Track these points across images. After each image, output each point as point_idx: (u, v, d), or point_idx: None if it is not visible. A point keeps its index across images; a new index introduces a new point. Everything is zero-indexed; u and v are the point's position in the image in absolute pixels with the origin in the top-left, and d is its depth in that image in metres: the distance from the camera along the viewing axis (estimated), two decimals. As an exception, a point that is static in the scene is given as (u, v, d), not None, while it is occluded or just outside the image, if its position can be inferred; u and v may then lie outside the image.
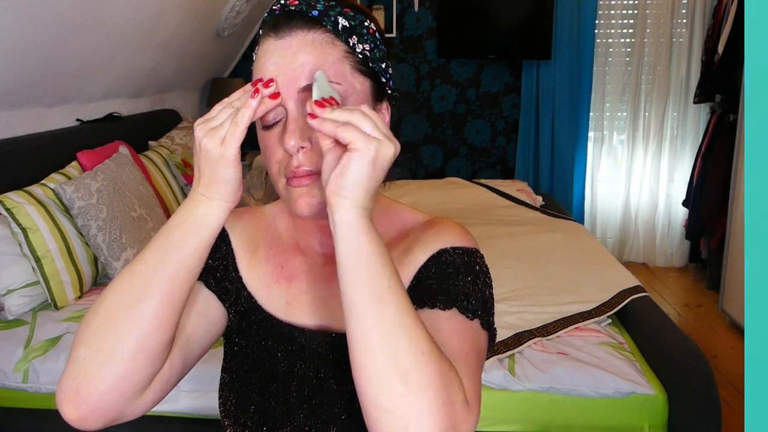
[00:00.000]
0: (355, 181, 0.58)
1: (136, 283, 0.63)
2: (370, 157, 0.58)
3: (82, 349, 0.63)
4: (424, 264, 0.74)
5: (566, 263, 2.32)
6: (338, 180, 0.58)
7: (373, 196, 0.60)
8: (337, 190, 0.58)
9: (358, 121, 0.58)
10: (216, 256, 0.82)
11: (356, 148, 0.57)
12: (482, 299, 0.72)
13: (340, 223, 0.59)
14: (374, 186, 0.60)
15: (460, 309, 0.69)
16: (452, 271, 0.73)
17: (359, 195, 0.58)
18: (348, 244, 0.59)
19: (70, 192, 2.03)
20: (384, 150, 0.58)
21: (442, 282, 0.72)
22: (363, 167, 0.58)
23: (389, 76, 0.76)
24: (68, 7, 2.13)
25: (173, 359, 0.71)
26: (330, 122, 0.59)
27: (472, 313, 0.70)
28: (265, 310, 0.81)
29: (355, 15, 0.72)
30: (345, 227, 0.58)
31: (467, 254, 0.75)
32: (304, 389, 0.76)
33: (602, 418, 1.66)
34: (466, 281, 0.72)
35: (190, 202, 0.65)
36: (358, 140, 0.57)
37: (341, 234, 0.59)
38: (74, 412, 0.63)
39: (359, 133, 0.58)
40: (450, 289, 0.71)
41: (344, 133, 0.58)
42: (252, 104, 0.62)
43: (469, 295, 0.71)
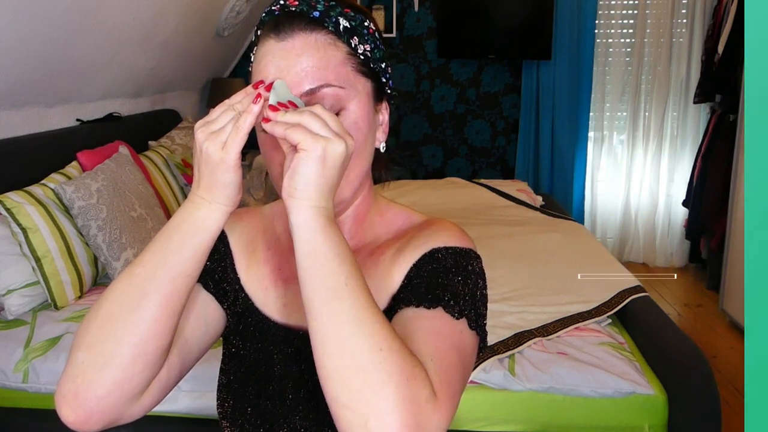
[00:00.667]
0: (306, 182, 0.59)
1: (134, 287, 0.63)
2: (316, 155, 0.58)
3: (80, 353, 0.63)
4: (416, 263, 0.74)
5: (566, 263, 2.32)
6: (290, 182, 0.59)
7: (329, 195, 0.61)
8: (290, 192, 0.59)
9: (307, 121, 0.59)
10: (214, 257, 0.82)
11: (303, 148, 0.58)
12: (472, 300, 0.71)
13: (296, 224, 0.59)
14: (328, 185, 0.60)
15: (446, 308, 0.69)
16: (442, 270, 0.72)
17: (312, 195, 0.59)
18: (304, 245, 0.59)
19: (70, 192, 2.03)
20: (332, 148, 0.59)
21: (431, 281, 0.71)
22: (311, 167, 0.58)
23: (389, 76, 0.76)
24: (68, 7, 2.13)
25: (171, 362, 0.71)
26: (281, 125, 0.60)
27: (459, 313, 0.69)
28: (261, 312, 0.81)
29: (356, 15, 0.72)
30: (300, 228, 0.59)
31: (460, 254, 0.74)
32: (300, 391, 0.76)
33: (602, 418, 1.66)
34: (456, 281, 0.71)
35: (189, 204, 0.65)
36: (305, 140, 0.58)
37: (297, 235, 0.59)
38: (72, 415, 0.63)
39: (307, 134, 0.58)
40: (438, 289, 0.70)
41: (293, 135, 0.59)
42: (254, 109, 0.62)
43: (458, 294, 0.70)
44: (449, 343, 0.66)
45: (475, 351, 0.71)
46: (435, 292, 0.70)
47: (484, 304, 0.74)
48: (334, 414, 0.57)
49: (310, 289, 0.59)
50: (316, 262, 0.59)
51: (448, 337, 0.67)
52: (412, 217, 0.82)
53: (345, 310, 0.57)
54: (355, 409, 0.55)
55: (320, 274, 0.58)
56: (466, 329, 0.69)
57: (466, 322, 0.69)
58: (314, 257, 0.59)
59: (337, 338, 0.57)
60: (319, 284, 0.58)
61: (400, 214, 0.82)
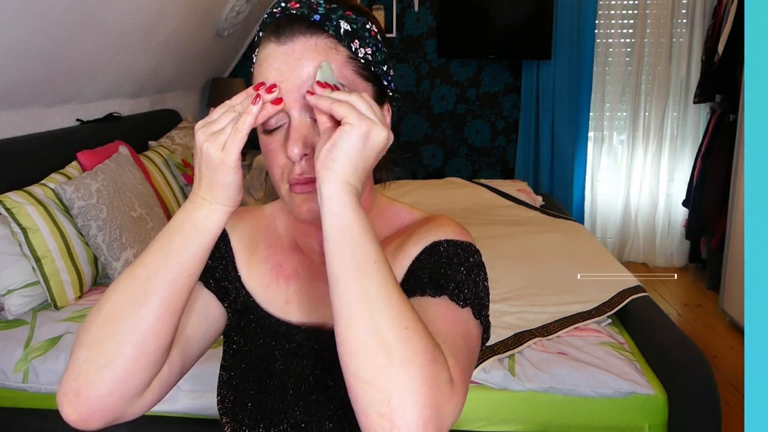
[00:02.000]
0: (345, 155, 0.59)
1: (136, 287, 0.63)
2: (361, 132, 0.59)
3: (82, 352, 0.63)
4: (417, 256, 0.74)
5: (566, 263, 2.32)
6: (328, 153, 0.59)
7: (362, 176, 0.61)
8: (326, 163, 0.59)
9: (355, 101, 0.60)
10: (215, 255, 0.82)
11: (349, 122, 0.59)
12: (475, 290, 0.72)
13: (328, 195, 0.59)
14: (364, 166, 0.61)
15: (450, 296, 0.69)
16: (445, 261, 0.73)
17: (347, 170, 0.59)
18: (334, 217, 0.59)
19: (70, 192, 2.03)
20: (376, 131, 0.60)
21: (434, 272, 0.72)
22: (354, 142, 0.59)
23: (390, 78, 0.76)
24: (68, 7, 2.13)
25: (173, 360, 0.71)
26: (327, 99, 0.61)
27: (464, 302, 0.70)
28: (263, 308, 0.81)
29: (357, 17, 0.72)
30: (332, 200, 0.59)
31: (461, 247, 0.75)
32: (301, 386, 0.77)
33: (602, 418, 1.66)
34: (459, 271, 0.72)
35: (190, 204, 0.65)
36: (351, 115, 0.59)
37: (328, 207, 0.59)
38: (74, 413, 0.63)
39: (353, 110, 0.59)
40: (442, 278, 0.71)
41: (339, 109, 0.60)
42: (253, 110, 0.62)
43: (462, 284, 0.71)
44: (458, 330, 0.67)
45: (479, 341, 0.72)
46: (439, 282, 0.70)
47: (486, 295, 0.75)
48: (355, 391, 0.56)
49: (337, 262, 0.58)
50: (346, 237, 0.59)
51: (456, 324, 0.67)
52: (412, 214, 0.82)
53: (373, 286, 0.57)
54: (378, 386, 0.55)
55: (350, 248, 0.58)
56: (471, 318, 0.70)
57: (470, 311, 0.70)
58: (344, 231, 0.59)
59: (363, 314, 0.56)
60: (348, 258, 0.58)
61: (400, 211, 0.83)
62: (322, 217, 0.60)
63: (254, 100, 0.62)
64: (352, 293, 0.57)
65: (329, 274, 0.59)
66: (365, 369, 0.55)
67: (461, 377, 0.60)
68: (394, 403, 0.54)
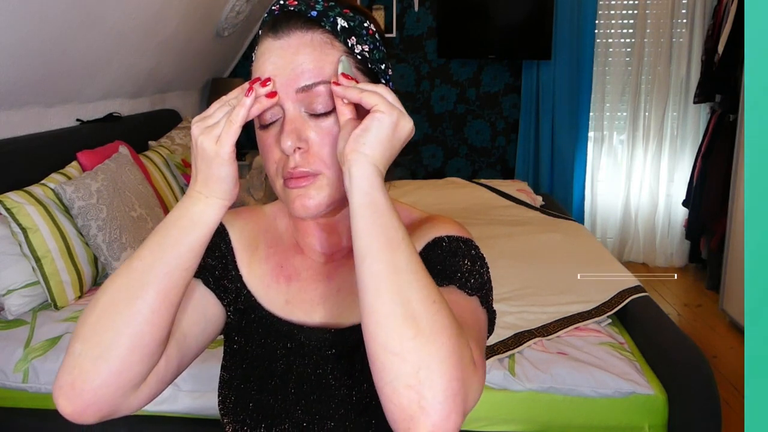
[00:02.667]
0: (375, 140, 0.61)
1: (132, 280, 0.64)
2: (392, 120, 0.62)
3: (78, 344, 0.63)
4: (420, 252, 0.75)
5: (566, 263, 2.32)
6: (358, 138, 0.61)
7: (387, 162, 0.63)
8: (356, 147, 0.61)
9: (383, 91, 0.63)
10: (215, 255, 0.82)
11: (380, 110, 0.61)
12: (481, 280, 0.73)
13: (357, 175, 0.61)
14: (391, 152, 0.63)
15: (458, 286, 0.70)
16: (449, 254, 0.74)
17: (377, 154, 0.61)
18: (364, 196, 0.60)
19: (70, 192, 2.03)
20: (404, 121, 0.63)
21: (439, 264, 0.73)
22: (384, 128, 0.61)
23: (389, 77, 0.76)
24: (68, 7, 2.13)
25: (169, 356, 0.71)
26: (355, 89, 0.63)
27: (471, 290, 0.71)
28: (264, 308, 0.81)
29: (355, 16, 0.72)
30: (362, 180, 0.61)
31: (463, 242, 0.76)
32: (302, 386, 0.77)
33: (602, 418, 1.66)
34: (464, 263, 0.73)
35: (187, 199, 0.66)
36: (382, 104, 0.61)
37: (358, 185, 0.61)
38: (69, 406, 0.63)
39: (383, 100, 0.62)
40: (448, 270, 0.72)
41: (369, 98, 0.62)
42: (246, 102, 0.63)
43: (467, 274, 0.72)
44: (469, 316, 0.68)
45: (487, 330, 0.73)
46: (446, 273, 0.71)
47: (491, 287, 0.76)
48: (381, 361, 0.56)
49: (368, 236, 0.59)
50: (376, 212, 0.60)
51: (467, 311, 0.68)
52: (412, 213, 0.83)
53: (402, 260, 0.58)
54: (406, 357, 0.55)
55: (379, 223, 0.59)
56: (479, 307, 0.71)
57: (478, 300, 0.71)
58: (373, 208, 0.60)
59: (393, 285, 0.57)
60: (378, 233, 0.59)
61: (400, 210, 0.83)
62: (350, 196, 0.61)
63: (247, 93, 0.63)
64: (381, 265, 0.58)
65: (356, 249, 0.60)
66: (393, 340, 0.56)
67: (480, 359, 0.61)
68: (422, 375, 0.54)
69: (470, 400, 0.57)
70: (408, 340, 0.55)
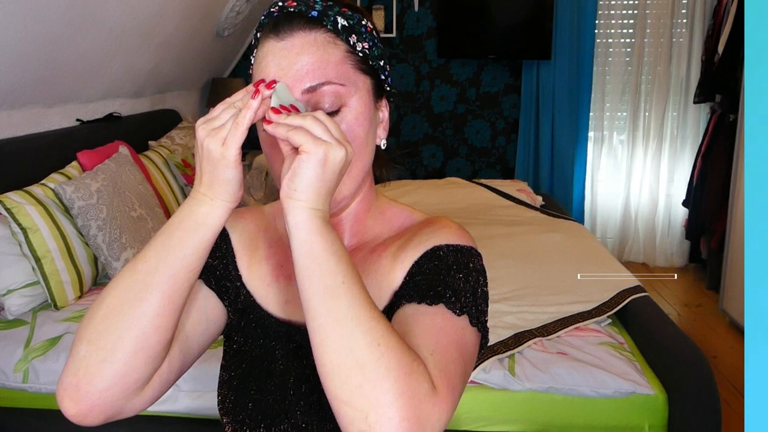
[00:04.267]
0: (306, 183, 0.60)
1: (137, 282, 0.63)
2: (318, 159, 0.59)
3: (82, 346, 0.63)
4: (417, 260, 0.74)
5: (566, 263, 2.32)
6: (289, 183, 0.60)
7: (326, 198, 0.62)
8: (289, 193, 0.60)
9: (310, 125, 0.60)
10: (216, 254, 0.82)
11: (305, 150, 0.60)
12: (473, 297, 0.72)
13: (293, 224, 0.60)
14: (326, 188, 0.61)
15: (447, 305, 0.69)
16: (444, 267, 0.73)
17: (310, 197, 0.60)
18: (300, 245, 0.60)
19: (70, 192, 2.03)
20: (333, 153, 0.60)
21: (433, 278, 0.72)
22: (312, 169, 0.60)
23: (388, 74, 0.77)
24: (68, 7, 2.13)
25: (172, 357, 0.71)
26: (283, 126, 0.61)
27: (460, 310, 0.70)
28: (263, 308, 0.81)
29: (353, 14, 0.73)
30: (297, 228, 0.60)
31: (461, 252, 0.75)
32: (301, 386, 0.77)
33: (602, 418, 1.66)
34: (458, 278, 0.72)
35: (191, 201, 0.65)
36: (307, 143, 0.59)
37: (295, 236, 0.60)
38: (74, 408, 0.63)
39: (309, 137, 0.60)
40: (440, 285, 0.71)
41: (295, 137, 0.60)
42: (253, 105, 0.62)
43: (459, 291, 0.71)
44: (450, 339, 0.67)
45: (476, 348, 0.72)
46: (437, 289, 0.70)
47: (485, 301, 0.75)
48: (336, 411, 0.57)
49: (308, 288, 0.60)
50: (314, 262, 0.60)
51: (450, 333, 0.67)
52: (413, 215, 0.83)
53: (342, 308, 0.58)
54: (355, 404, 0.56)
55: (317, 273, 0.59)
56: (468, 326, 0.70)
57: (467, 319, 0.70)
58: (311, 257, 0.60)
59: (335, 336, 0.58)
60: (317, 283, 0.59)
61: (401, 212, 0.83)
62: (291, 245, 0.61)
63: (253, 95, 0.63)
64: (322, 317, 0.58)
65: (301, 299, 0.60)
66: (342, 389, 0.56)
67: (448, 386, 0.60)
68: (372, 419, 0.55)
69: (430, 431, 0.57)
70: (354, 388, 0.56)
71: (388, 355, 0.57)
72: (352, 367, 0.56)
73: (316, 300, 0.59)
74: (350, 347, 0.57)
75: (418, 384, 0.57)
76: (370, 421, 0.55)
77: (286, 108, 0.64)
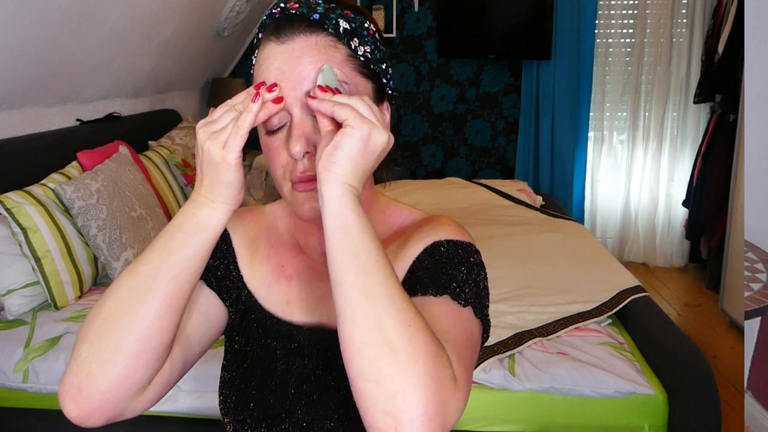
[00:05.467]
0: (346, 157, 0.60)
1: (138, 284, 0.64)
2: (362, 135, 0.60)
3: (84, 348, 0.63)
4: (418, 257, 0.75)
5: (566, 263, 2.32)
6: (329, 156, 0.60)
7: (362, 177, 0.62)
8: (327, 165, 0.60)
9: (356, 104, 0.61)
10: (217, 255, 0.82)
11: (350, 125, 0.60)
12: (476, 289, 0.72)
13: (328, 196, 0.60)
14: (364, 167, 0.61)
15: (452, 296, 0.70)
16: (446, 261, 0.73)
17: (348, 171, 0.60)
18: (335, 219, 0.60)
19: (70, 192, 2.03)
20: (377, 134, 0.61)
21: (435, 271, 0.72)
22: (355, 144, 0.60)
23: (389, 77, 0.77)
24: (68, 7, 2.13)
25: (174, 358, 0.71)
26: (328, 102, 0.62)
27: (465, 301, 0.70)
28: (264, 308, 0.81)
29: (356, 17, 0.72)
30: (333, 201, 0.60)
31: (461, 247, 0.75)
32: (302, 386, 0.77)
33: (602, 418, 1.66)
34: (460, 271, 0.72)
35: (192, 203, 0.65)
36: (353, 118, 0.60)
37: (329, 209, 0.60)
38: (76, 409, 0.63)
39: (355, 113, 0.60)
40: (443, 278, 0.71)
41: (340, 111, 0.60)
42: (253, 108, 0.62)
43: (462, 283, 0.71)
44: (460, 328, 0.67)
45: (480, 340, 0.72)
46: (440, 281, 0.71)
47: (486, 295, 0.75)
48: (359, 389, 0.56)
49: (340, 261, 0.59)
50: (347, 236, 0.59)
51: (458, 323, 0.68)
52: (412, 214, 0.83)
53: (376, 285, 0.58)
54: (382, 383, 0.55)
55: (351, 248, 0.59)
56: (472, 317, 0.71)
57: (471, 311, 0.71)
58: (345, 231, 0.59)
59: (366, 313, 0.57)
60: (351, 258, 0.58)
61: (400, 211, 0.83)
62: (324, 218, 0.60)
63: (254, 98, 0.63)
64: (354, 292, 0.57)
65: (331, 274, 0.59)
66: (369, 367, 0.55)
67: (464, 375, 0.60)
68: (399, 401, 0.54)
69: (449, 420, 0.57)
70: (384, 367, 0.55)
71: (418, 336, 0.56)
72: (382, 345, 0.55)
73: (348, 274, 0.58)
74: (381, 325, 0.56)
75: (444, 369, 0.57)
76: (397, 402, 0.54)
77: (331, 89, 0.64)
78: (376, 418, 0.55)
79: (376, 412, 0.55)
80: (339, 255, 0.59)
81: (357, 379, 0.56)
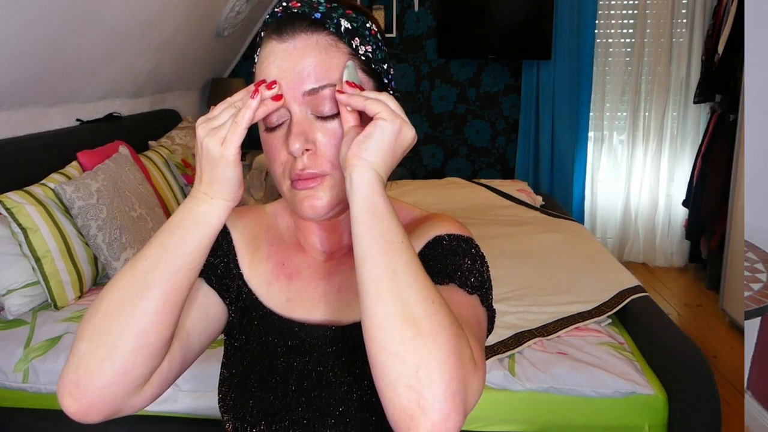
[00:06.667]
0: (377, 147, 0.62)
1: (137, 280, 0.64)
2: (394, 129, 0.62)
3: (83, 344, 0.63)
4: (421, 251, 0.75)
5: (566, 263, 2.32)
6: (361, 144, 0.62)
7: (389, 169, 0.64)
8: (358, 152, 0.62)
9: (387, 99, 0.64)
10: (217, 253, 0.82)
11: (383, 118, 0.62)
12: (481, 279, 0.74)
13: (358, 181, 0.62)
14: (392, 159, 0.64)
15: (458, 284, 0.71)
16: (449, 252, 0.74)
17: (379, 160, 0.62)
18: (364, 200, 0.61)
19: (70, 192, 2.03)
20: (407, 129, 0.64)
21: (440, 263, 0.73)
22: (387, 136, 0.62)
23: (391, 77, 0.77)
24: (68, 7, 2.13)
25: (173, 355, 0.71)
26: (359, 97, 0.64)
27: (472, 289, 0.71)
28: (265, 306, 0.82)
29: (357, 16, 0.72)
30: (362, 185, 0.61)
31: (463, 240, 0.76)
32: (302, 383, 0.77)
33: (602, 418, 1.66)
34: (464, 261, 0.74)
35: (191, 200, 0.66)
36: (385, 112, 0.62)
37: (358, 190, 0.61)
38: (74, 405, 0.63)
39: (387, 108, 0.63)
40: (448, 268, 0.72)
41: (373, 106, 0.63)
42: (252, 104, 0.63)
43: (468, 272, 0.72)
44: (470, 313, 0.68)
45: (486, 329, 0.73)
46: (446, 271, 0.72)
47: (490, 286, 0.76)
48: (381, 363, 0.57)
49: (367, 237, 0.60)
50: (376, 216, 0.61)
51: (468, 308, 0.69)
52: (412, 212, 0.84)
53: (402, 263, 0.59)
54: (405, 357, 0.55)
55: (379, 227, 0.60)
56: (479, 305, 0.72)
57: (478, 299, 0.72)
58: (373, 212, 0.61)
59: (392, 288, 0.58)
60: (378, 236, 0.60)
61: (400, 209, 0.84)
62: (352, 200, 0.62)
63: (253, 95, 0.64)
64: (381, 268, 0.58)
65: (357, 251, 0.60)
66: (393, 341, 0.56)
67: (480, 358, 0.61)
68: (422, 375, 0.54)
69: (471, 399, 0.57)
70: (407, 341, 0.55)
71: (442, 312, 0.57)
72: (407, 319, 0.56)
73: (375, 250, 0.59)
74: (406, 301, 0.57)
75: (465, 348, 0.57)
76: (420, 375, 0.54)
77: (357, 85, 0.66)
78: (398, 392, 0.55)
79: (399, 386, 0.55)
80: (366, 232, 0.60)
81: (380, 353, 0.57)
